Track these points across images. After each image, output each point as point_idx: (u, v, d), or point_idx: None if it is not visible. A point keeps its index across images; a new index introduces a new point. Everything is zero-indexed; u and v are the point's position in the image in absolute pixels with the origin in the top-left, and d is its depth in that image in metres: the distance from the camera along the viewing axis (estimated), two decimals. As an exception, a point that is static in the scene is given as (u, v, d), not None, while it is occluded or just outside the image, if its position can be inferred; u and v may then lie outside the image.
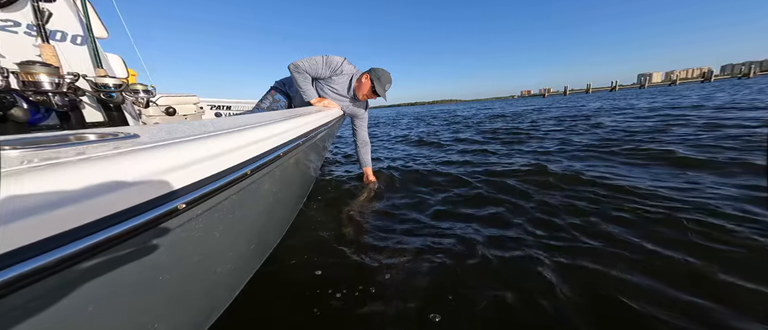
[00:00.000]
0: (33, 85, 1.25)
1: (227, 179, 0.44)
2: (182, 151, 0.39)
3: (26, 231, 0.24)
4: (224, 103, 4.11)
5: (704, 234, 1.03)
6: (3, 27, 1.45)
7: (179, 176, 0.37)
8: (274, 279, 0.96)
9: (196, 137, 0.44)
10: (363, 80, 1.73)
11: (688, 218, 1.13)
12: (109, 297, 0.33)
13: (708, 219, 1.12)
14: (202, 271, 0.53)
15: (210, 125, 0.62)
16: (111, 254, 0.30)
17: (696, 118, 3.75)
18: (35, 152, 0.32)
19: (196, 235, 0.45)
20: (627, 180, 1.65)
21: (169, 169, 0.35)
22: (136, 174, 0.32)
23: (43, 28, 1.45)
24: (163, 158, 0.36)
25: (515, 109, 11.73)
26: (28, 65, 1.21)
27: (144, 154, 0.35)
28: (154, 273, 0.39)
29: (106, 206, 0.29)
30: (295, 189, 1.13)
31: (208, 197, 0.40)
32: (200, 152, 0.41)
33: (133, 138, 0.42)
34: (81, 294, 0.29)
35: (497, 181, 1.84)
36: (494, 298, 0.82)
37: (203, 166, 0.40)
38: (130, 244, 0.32)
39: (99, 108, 1.84)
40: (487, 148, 3.10)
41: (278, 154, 0.65)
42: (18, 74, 1.24)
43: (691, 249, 0.96)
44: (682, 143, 2.43)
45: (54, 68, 1.27)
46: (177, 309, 0.50)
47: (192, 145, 0.41)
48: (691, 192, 1.40)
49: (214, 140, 0.45)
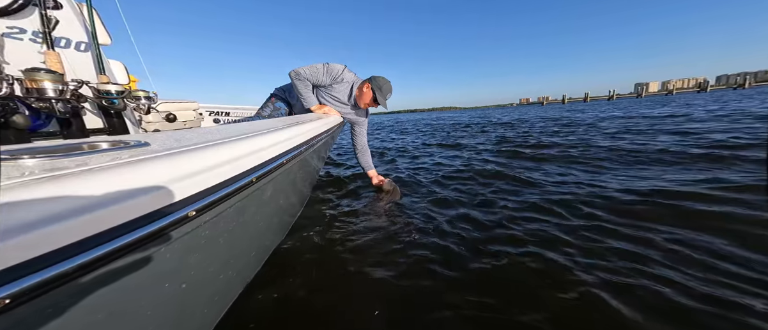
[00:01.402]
0: (36, 92, 1.26)
1: (234, 186, 0.45)
2: (192, 159, 0.40)
3: (46, 239, 0.24)
4: (223, 110, 4.13)
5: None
6: (8, 34, 1.47)
7: (190, 184, 0.38)
8: (272, 282, 0.96)
9: (204, 145, 0.46)
10: (364, 89, 1.75)
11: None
12: (119, 304, 0.33)
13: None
14: (205, 277, 0.53)
15: (216, 133, 0.63)
16: (124, 261, 0.31)
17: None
18: (52, 161, 0.33)
19: (202, 243, 0.45)
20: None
21: (181, 177, 0.36)
22: (150, 182, 0.33)
23: (50, 35, 1.47)
24: (175, 166, 0.37)
25: (529, 115, 11.51)
26: (33, 72, 1.22)
27: (156, 162, 0.36)
28: (162, 280, 0.39)
29: (122, 214, 0.29)
30: (295, 195, 1.14)
31: (216, 204, 0.41)
32: (209, 160, 0.42)
33: (143, 146, 0.43)
34: (94, 300, 0.30)
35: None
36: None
37: (212, 174, 0.41)
38: (141, 251, 0.32)
39: (99, 114, 1.85)
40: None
41: (282, 161, 0.67)
42: (22, 81, 1.25)
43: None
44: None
45: (58, 75, 1.29)
46: (181, 315, 0.50)
47: (201, 153, 0.42)
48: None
49: (221, 148, 0.47)
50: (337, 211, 1.63)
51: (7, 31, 1.46)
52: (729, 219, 1.19)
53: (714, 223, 1.17)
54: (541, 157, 2.78)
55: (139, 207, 0.31)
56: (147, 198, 0.32)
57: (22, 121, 1.40)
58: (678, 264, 0.93)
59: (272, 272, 0.99)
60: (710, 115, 5.42)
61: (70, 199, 0.27)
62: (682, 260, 0.96)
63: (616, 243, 1.09)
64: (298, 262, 1.09)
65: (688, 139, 3.02)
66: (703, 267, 0.91)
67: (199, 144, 0.46)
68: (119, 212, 0.29)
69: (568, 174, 2.12)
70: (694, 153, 2.35)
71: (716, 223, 1.16)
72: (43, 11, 1.46)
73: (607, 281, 0.88)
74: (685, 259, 0.96)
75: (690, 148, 2.53)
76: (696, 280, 0.85)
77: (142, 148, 0.41)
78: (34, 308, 0.25)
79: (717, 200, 1.37)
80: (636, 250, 1.03)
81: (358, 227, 1.39)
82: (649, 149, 2.66)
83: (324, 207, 1.72)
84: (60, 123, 1.61)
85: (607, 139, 3.59)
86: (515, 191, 1.81)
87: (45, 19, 1.47)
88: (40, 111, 1.43)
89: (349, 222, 1.46)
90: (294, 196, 1.12)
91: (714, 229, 1.13)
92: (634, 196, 1.52)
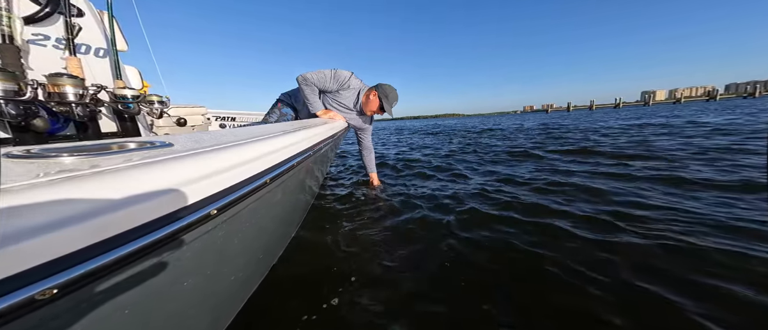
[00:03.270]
0: (58, 96, 1.31)
1: (251, 187, 0.47)
2: (213, 159, 0.42)
3: (92, 232, 0.26)
4: (229, 115, 4.22)
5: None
6: (33, 41, 1.55)
7: (211, 183, 0.40)
8: (278, 285, 0.97)
9: (222, 146, 0.48)
10: (371, 97, 1.79)
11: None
12: (144, 299, 0.35)
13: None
14: (219, 278, 0.55)
15: (230, 135, 0.66)
16: (155, 256, 0.33)
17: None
18: (89, 159, 0.35)
19: (218, 243, 0.47)
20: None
21: (203, 176, 0.39)
22: (177, 179, 0.35)
23: (72, 41, 1.55)
24: (198, 166, 0.39)
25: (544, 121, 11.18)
26: (56, 77, 1.28)
27: (181, 161, 0.38)
28: (182, 277, 0.41)
29: (152, 211, 0.31)
30: (302, 198, 1.16)
31: (234, 204, 0.43)
32: (228, 161, 0.44)
33: (168, 146, 0.45)
34: (125, 294, 0.31)
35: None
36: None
37: (232, 174, 0.43)
38: (168, 248, 0.34)
39: (114, 118, 1.91)
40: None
41: (293, 163, 0.69)
42: (44, 85, 1.31)
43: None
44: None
45: (80, 80, 1.34)
46: (195, 315, 0.51)
47: (221, 154, 0.44)
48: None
49: (239, 149, 0.49)
50: (339, 212, 1.64)
51: (33, 38, 1.54)
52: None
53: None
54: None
55: (168, 204, 0.33)
56: (175, 195, 0.34)
57: (42, 124, 1.46)
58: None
59: (277, 274, 1.00)
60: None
61: (109, 194, 0.29)
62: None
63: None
64: (302, 265, 1.10)
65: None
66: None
67: (218, 145, 0.49)
68: (151, 208, 0.31)
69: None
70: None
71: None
72: (68, 19, 1.54)
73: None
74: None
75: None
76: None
77: (167, 148, 0.44)
78: (76, 300, 0.27)
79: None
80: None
81: (362, 230, 1.40)
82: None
83: (327, 207, 1.74)
84: (77, 126, 1.67)
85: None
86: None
87: (69, 26, 1.55)
88: (59, 114, 1.49)
89: (350, 225, 1.48)
90: (302, 199, 1.14)
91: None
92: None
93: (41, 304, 0.24)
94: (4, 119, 1.17)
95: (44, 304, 0.24)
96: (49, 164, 0.33)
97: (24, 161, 0.35)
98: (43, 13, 1.51)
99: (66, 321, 0.27)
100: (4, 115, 1.14)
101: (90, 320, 0.29)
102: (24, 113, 1.30)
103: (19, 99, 1.16)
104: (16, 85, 1.13)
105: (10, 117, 1.16)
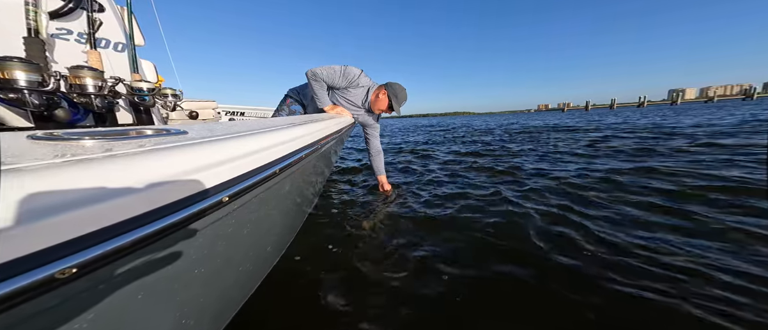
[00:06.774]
0: (79, 88, 1.36)
1: (262, 176, 0.48)
2: (226, 147, 0.43)
3: (111, 211, 0.27)
4: (238, 110, 4.29)
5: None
6: (57, 35, 1.61)
7: (224, 170, 0.41)
8: (283, 279, 0.98)
9: (234, 135, 0.49)
10: (380, 96, 1.78)
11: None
12: (155, 287, 0.35)
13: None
14: (228, 267, 0.55)
15: (242, 126, 0.67)
16: (170, 240, 0.33)
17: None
18: (109, 142, 0.37)
19: (229, 231, 0.48)
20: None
21: (217, 163, 0.40)
22: (192, 165, 0.36)
23: (93, 35, 1.60)
24: (211, 152, 0.40)
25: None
26: (78, 69, 1.33)
27: (195, 148, 0.39)
28: (194, 265, 0.41)
29: (167, 195, 0.32)
30: (309, 191, 1.17)
31: (246, 192, 0.44)
32: (241, 149, 0.45)
33: (183, 133, 0.46)
34: (139, 277, 0.32)
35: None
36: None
37: (243, 162, 0.44)
38: (182, 232, 0.35)
39: (130, 110, 1.97)
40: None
41: (302, 155, 0.69)
42: (66, 77, 1.36)
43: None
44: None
45: (99, 72, 1.39)
46: (203, 304, 0.52)
47: (233, 142, 0.45)
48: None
49: (250, 139, 0.50)
50: (346, 210, 1.65)
51: (56, 32, 1.60)
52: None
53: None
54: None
55: (182, 188, 0.34)
56: (189, 180, 0.35)
57: (64, 115, 1.52)
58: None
59: (283, 267, 1.01)
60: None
61: (125, 177, 0.30)
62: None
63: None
64: (307, 261, 1.11)
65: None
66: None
67: (230, 134, 0.50)
68: (167, 192, 0.32)
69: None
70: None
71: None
72: (90, 14, 1.60)
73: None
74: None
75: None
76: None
77: (181, 135, 0.45)
78: (94, 281, 0.27)
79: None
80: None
81: (368, 231, 1.40)
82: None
83: (335, 202, 1.75)
84: (95, 117, 1.73)
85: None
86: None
87: (90, 20, 1.60)
88: (79, 106, 1.55)
89: (356, 225, 1.48)
90: (308, 192, 1.15)
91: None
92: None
93: (61, 283, 0.24)
94: (28, 108, 1.22)
95: (64, 283, 0.25)
96: (70, 146, 0.34)
97: (46, 142, 0.36)
98: (67, 9, 1.57)
99: (83, 301, 0.28)
100: (28, 104, 1.19)
101: (107, 304, 0.30)
102: (46, 103, 1.35)
103: (42, 89, 1.21)
104: (40, 76, 1.18)
105: (34, 106, 1.21)
